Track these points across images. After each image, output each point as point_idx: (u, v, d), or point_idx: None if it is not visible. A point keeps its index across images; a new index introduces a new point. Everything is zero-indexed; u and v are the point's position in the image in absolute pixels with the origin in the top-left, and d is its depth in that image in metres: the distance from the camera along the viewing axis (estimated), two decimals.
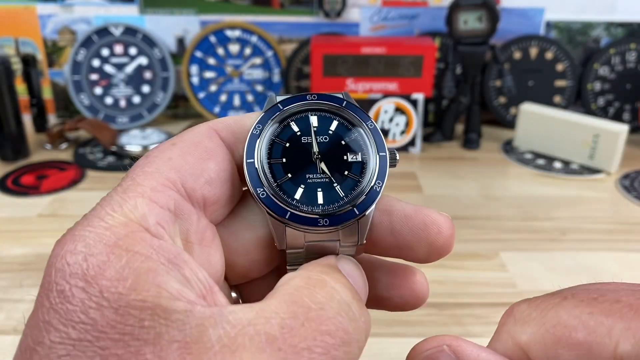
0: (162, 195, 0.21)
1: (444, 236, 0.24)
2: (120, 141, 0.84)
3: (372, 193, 0.24)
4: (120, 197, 0.21)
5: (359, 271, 0.23)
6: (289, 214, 0.23)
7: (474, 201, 0.72)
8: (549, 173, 0.80)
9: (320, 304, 0.19)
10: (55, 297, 0.18)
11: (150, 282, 0.18)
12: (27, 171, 0.79)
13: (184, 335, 0.17)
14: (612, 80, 0.95)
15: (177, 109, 1.01)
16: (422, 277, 0.27)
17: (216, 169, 0.23)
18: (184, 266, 0.20)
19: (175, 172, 0.22)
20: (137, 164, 0.22)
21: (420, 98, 0.85)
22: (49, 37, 0.96)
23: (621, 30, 0.95)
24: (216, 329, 0.18)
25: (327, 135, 0.25)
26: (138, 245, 0.19)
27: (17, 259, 0.58)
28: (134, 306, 0.18)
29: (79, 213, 0.21)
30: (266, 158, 0.24)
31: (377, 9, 0.95)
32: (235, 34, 0.94)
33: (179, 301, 0.18)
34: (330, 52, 0.85)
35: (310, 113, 0.26)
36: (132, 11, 0.95)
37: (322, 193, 0.24)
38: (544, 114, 0.85)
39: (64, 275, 0.19)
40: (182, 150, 0.23)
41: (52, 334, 0.18)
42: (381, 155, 0.25)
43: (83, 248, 0.19)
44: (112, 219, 0.20)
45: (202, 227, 0.23)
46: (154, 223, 0.20)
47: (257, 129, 0.25)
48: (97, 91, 0.95)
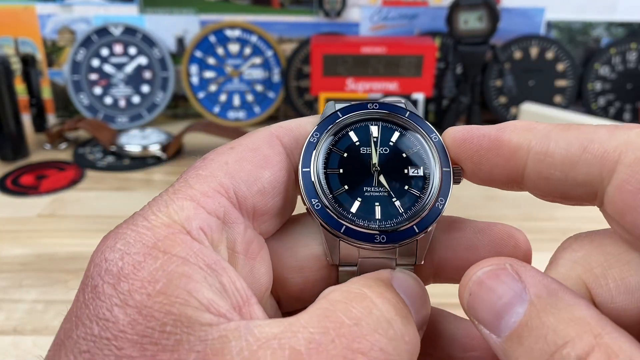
0: (211, 201, 0.20)
1: (521, 250, 0.23)
2: (120, 141, 0.84)
3: (434, 210, 0.23)
4: (169, 198, 0.20)
5: (417, 285, 0.21)
6: (344, 227, 0.22)
7: (474, 201, 0.72)
8: None
9: (356, 319, 0.18)
10: (88, 293, 0.18)
11: (181, 288, 0.18)
12: (26, 171, 0.79)
13: (204, 346, 0.17)
14: (613, 80, 0.95)
15: (177, 109, 1.01)
16: None
17: (271, 178, 0.22)
18: (222, 273, 0.19)
19: (229, 177, 0.21)
20: (193, 165, 0.22)
21: (421, 98, 0.85)
22: (49, 37, 0.96)
23: (622, 30, 0.95)
24: (239, 341, 0.17)
25: (388, 146, 0.24)
26: (177, 247, 0.19)
27: (17, 259, 0.58)
28: (159, 310, 0.17)
29: (79, 213, 0.21)
30: (322, 168, 0.23)
31: (377, 8, 0.95)
32: (235, 34, 0.94)
33: (207, 313, 0.17)
34: (330, 52, 0.85)
35: (371, 123, 0.24)
36: (131, 11, 0.95)
37: (380, 207, 0.23)
38: (544, 113, 0.85)
39: (99, 271, 0.18)
40: (239, 156, 0.22)
41: (79, 329, 0.18)
42: (445, 170, 0.23)
43: (122, 246, 0.19)
44: (156, 219, 0.19)
45: (248, 237, 0.22)
46: (196, 227, 0.20)
47: (314, 137, 0.23)
48: (97, 91, 0.95)
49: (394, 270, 0.22)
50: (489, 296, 0.19)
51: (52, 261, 0.58)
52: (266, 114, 0.98)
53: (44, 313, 0.50)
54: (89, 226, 0.64)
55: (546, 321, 0.18)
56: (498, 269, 0.20)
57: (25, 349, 0.46)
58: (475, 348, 0.23)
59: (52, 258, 0.58)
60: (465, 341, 0.23)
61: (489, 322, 0.19)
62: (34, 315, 0.50)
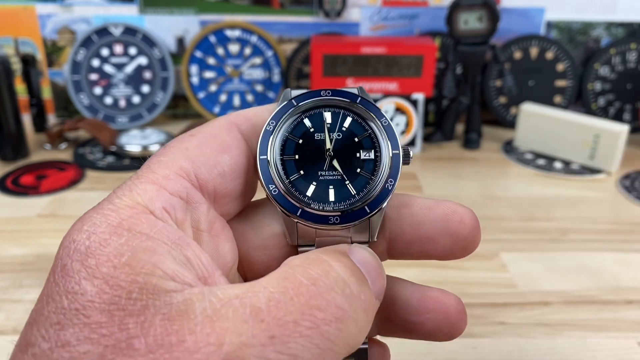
0: (173, 183, 0.22)
1: (466, 226, 0.24)
2: (120, 141, 0.84)
3: (384, 191, 0.24)
4: (132, 183, 0.22)
5: (372, 257, 0.22)
6: (300, 211, 0.24)
7: (474, 201, 0.72)
8: (549, 173, 0.80)
9: (313, 279, 0.19)
10: (58, 272, 0.19)
11: (145, 260, 0.18)
12: (26, 171, 0.79)
13: (169, 309, 0.17)
14: (613, 80, 0.95)
15: (177, 109, 1.01)
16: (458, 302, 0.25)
17: (230, 162, 0.23)
18: (187, 248, 0.20)
19: (189, 162, 0.22)
20: (155, 153, 0.23)
21: (421, 98, 0.85)
22: (49, 37, 0.96)
23: (621, 30, 0.95)
24: (202, 302, 0.18)
25: (341, 132, 0.25)
26: (141, 225, 0.20)
27: (17, 259, 0.58)
28: (125, 279, 0.18)
29: (79, 213, 0.21)
30: (279, 154, 0.24)
31: (377, 8, 0.95)
32: (235, 34, 0.94)
33: (171, 282, 0.18)
34: (330, 52, 0.85)
35: (324, 109, 0.25)
36: (131, 11, 0.95)
37: (333, 190, 0.24)
38: (544, 114, 0.85)
39: (68, 252, 0.19)
40: (199, 142, 0.23)
41: (50, 305, 0.18)
42: (394, 153, 0.25)
43: (88, 227, 0.20)
44: (120, 202, 0.21)
45: (211, 217, 0.23)
46: (159, 207, 0.21)
47: (270, 125, 0.25)
48: (97, 91, 0.95)
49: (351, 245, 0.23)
50: None
51: (52, 261, 0.58)
52: None
53: None
54: None
55: None
56: None
57: None
58: (429, 310, 0.25)
59: (52, 258, 0.58)
60: (420, 304, 0.25)
61: None
62: None
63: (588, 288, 0.54)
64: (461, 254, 0.25)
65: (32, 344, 0.18)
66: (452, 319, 0.25)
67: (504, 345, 0.38)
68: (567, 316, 0.50)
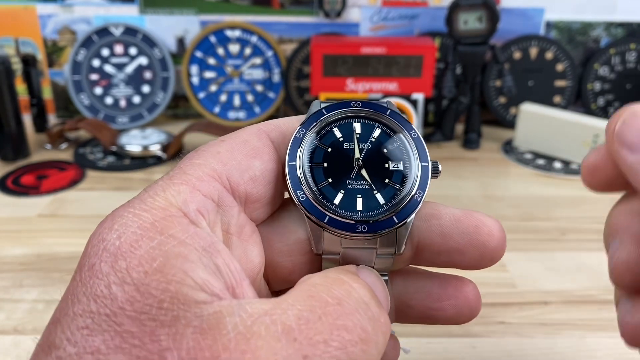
0: (206, 185, 0.22)
1: (495, 238, 0.24)
2: (120, 141, 0.84)
3: (413, 202, 0.24)
4: (165, 183, 0.21)
5: (379, 281, 0.23)
6: (327, 217, 0.23)
7: (474, 201, 0.72)
8: (549, 173, 0.80)
9: (338, 299, 0.19)
10: (85, 272, 0.19)
11: (177, 267, 0.18)
12: (27, 171, 0.79)
13: (200, 321, 0.17)
14: (612, 80, 0.95)
15: (177, 109, 1.01)
16: (475, 288, 0.26)
17: (261, 167, 0.24)
18: (217, 255, 0.20)
19: (221, 165, 0.22)
20: (187, 156, 0.23)
21: (420, 98, 0.85)
22: (49, 37, 0.96)
23: (621, 30, 0.95)
24: (232, 317, 0.17)
25: (370, 142, 0.25)
26: (174, 228, 0.19)
27: (17, 259, 0.58)
28: (156, 287, 0.18)
29: (79, 213, 0.21)
30: (308, 162, 0.24)
31: (377, 9, 0.95)
32: (235, 34, 0.94)
33: (201, 292, 0.18)
34: (330, 52, 0.85)
35: (354, 120, 0.26)
36: (132, 11, 0.95)
37: (361, 199, 0.24)
38: (544, 114, 0.85)
39: (97, 251, 0.19)
40: (230, 146, 0.23)
41: (76, 306, 0.18)
42: (423, 165, 0.25)
43: (119, 227, 0.19)
44: (153, 202, 0.20)
45: (241, 221, 0.23)
46: (194, 209, 0.20)
47: (300, 133, 0.25)
48: (97, 91, 0.95)
49: (357, 266, 0.23)
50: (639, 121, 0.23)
51: (53, 261, 0.58)
52: (266, 114, 0.98)
53: (44, 313, 0.50)
54: (89, 226, 0.64)
55: None
56: None
57: (25, 348, 0.46)
58: (449, 297, 0.25)
59: (53, 258, 0.58)
60: (440, 291, 0.26)
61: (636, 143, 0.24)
62: (35, 315, 0.50)
63: (588, 288, 0.54)
64: (487, 265, 0.25)
65: (57, 346, 0.17)
66: (471, 303, 0.26)
67: (503, 345, 0.38)
68: (567, 316, 0.50)
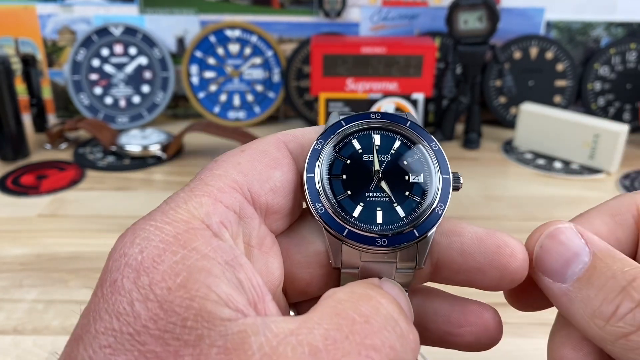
0: (228, 196, 0.21)
1: (517, 260, 0.23)
2: (120, 141, 0.84)
3: (434, 215, 0.23)
4: (186, 195, 0.21)
5: (403, 294, 0.22)
6: (346, 231, 0.23)
7: (474, 201, 0.72)
8: (549, 173, 0.80)
9: (365, 316, 0.19)
10: (107, 287, 0.18)
11: (201, 282, 0.18)
12: (26, 171, 0.79)
13: (225, 341, 0.17)
14: (612, 80, 0.95)
15: (177, 109, 1.01)
16: (496, 315, 0.25)
17: (282, 178, 0.23)
18: (239, 269, 0.19)
19: (242, 176, 0.22)
20: (206, 166, 0.23)
21: (420, 98, 0.85)
22: (49, 37, 0.96)
23: (621, 30, 0.95)
24: (258, 336, 0.17)
25: (389, 154, 0.25)
26: (197, 242, 0.19)
27: (17, 259, 0.58)
28: (180, 304, 0.17)
29: (79, 213, 0.21)
30: (326, 174, 0.24)
31: (377, 8, 0.95)
32: (235, 34, 0.94)
33: (225, 308, 0.18)
34: (330, 52, 0.85)
35: (373, 131, 0.25)
36: (132, 11, 0.95)
37: (381, 212, 0.24)
38: (544, 114, 0.85)
39: (118, 266, 0.18)
40: (250, 157, 0.23)
41: (98, 323, 0.18)
42: (444, 177, 0.24)
43: (141, 241, 0.19)
44: (175, 214, 0.20)
45: (262, 232, 0.23)
46: (216, 222, 0.20)
47: (319, 144, 0.24)
48: (97, 91, 0.95)
49: (380, 279, 0.23)
50: (558, 248, 0.23)
51: (52, 261, 0.58)
52: (266, 114, 0.98)
53: (44, 313, 0.50)
54: (89, 226, 0.64)
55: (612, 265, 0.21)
56: (564, 228, 0.23)
57: (25, 348, 0.46)
58: (470, 323, 0.25)
59: (52, 258, 0.58)
60: (461, 317, 0.25)
61: (556, 271, 0.22)
62: (34, 315, 0.50)
63: None
64: (507, 287, 0.24)
65: None
66: (491, 331, 0.25)
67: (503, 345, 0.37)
68: None
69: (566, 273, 0.22)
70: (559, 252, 0.23)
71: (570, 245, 0.22)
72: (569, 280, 0.22)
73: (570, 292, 0.22)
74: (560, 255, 0.23)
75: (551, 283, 0.23)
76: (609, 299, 0.21)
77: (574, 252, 0.22)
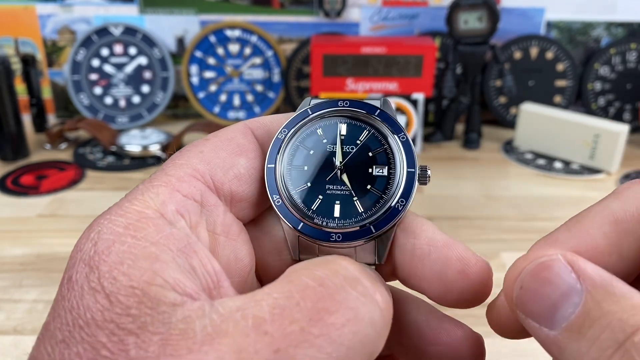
0: (187, 185, 0.21)
1: (467, 278, 0.21)
2: (120, 141, 0.84)
3: (394, 211, 0.22)
4: (145, 187, 0.21)
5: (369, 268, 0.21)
6: (301, 224, 0.23)
7: (474, 201, 0.72)
8: (550, 173, 0.80)
9: (320, 279, 0.17)
10: (65, 285, 0.18)
11: (145, 268, 0.18)
12: (26, 171, 0.79)
13: (167, 328, 0.16)
14: (613, 80, 0.95)
15: (177, 109, 1.01)
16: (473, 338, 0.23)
17: (246, 165, 0.23)
18: (193, 256, 0.19)
19: (204, 164, 0.22)
20: (171, 157, 0.23)
21: (421, 98, 0.85)
22: (49, 37, 0.96)
23: (621, 30, 0.95)
24: (202, 319, 0.17)
25: (354, 145, 0.24)
26: (146, 230, 0.19)
27: (17, 259, 0.58)
28: (124, 293, 0.17)
29: (79, 213, 0.21)
30: (287, 164, 0.23)
31: (377, 8, 0.95)
32: (235, 34, 0.94)
33: (171, 292, 0.17)
34: (330, 52, 0.85)
35: (340, 120, 0.24)
36: (131, 11, 0.95)
37: (339, 206, 0.23)
38: (544, 114, 0.85)
39: (74, 263, 0.19)
40: (214, 145, 0.23)
41: (55, 321, 0.18)
42: (409, 171, 0.23)
43: (95, 235, 0.19)
44: (130, 205, 0.20)
45: (228, 220, 0.22)
46: (172, 210, 0.20)
47: (282, 133, 0.24)
48: (97, 91, 0.95)
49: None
50: (544, 288, 0.18)
51: (52, 261, 0.58)
52: (266, 114, 0.98)
53: (44, 313, 0.50)
54: None
55: (609, 310, 0.17)
56: (550, 260, 0.19)
57: (25, 348, 0.46)
58: (440, 343, 0.23)
59: (52, 258, 0.58)
60: (434, 335, 0.23)
61: (542, 315, 0.18)
62: (34, 315, 0.50)
63: None
64: (456, 304, 0.22)
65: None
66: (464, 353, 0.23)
67: (502, 345, 0.37)
68: None
69: (554, 317, 0.18)
70: (545, 294, 0.18)
71: (558, 284, 0.18)
72: (558, 326, 0.18)
73: (559, 342, 0.18)
74: (546, 297, 0.18)
75: (537, 328, 0.19)
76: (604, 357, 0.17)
77: (563, 292, 0.18)
